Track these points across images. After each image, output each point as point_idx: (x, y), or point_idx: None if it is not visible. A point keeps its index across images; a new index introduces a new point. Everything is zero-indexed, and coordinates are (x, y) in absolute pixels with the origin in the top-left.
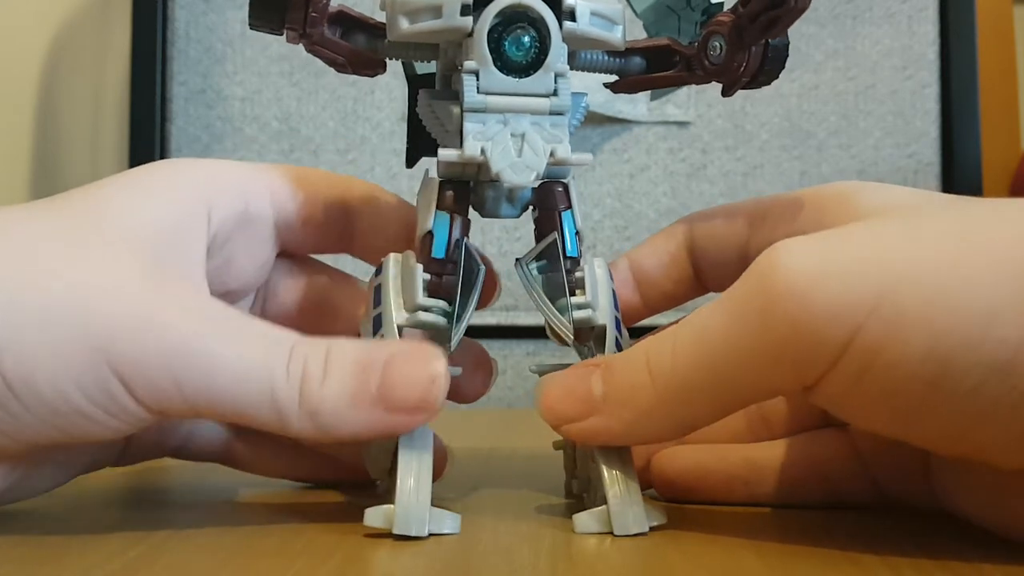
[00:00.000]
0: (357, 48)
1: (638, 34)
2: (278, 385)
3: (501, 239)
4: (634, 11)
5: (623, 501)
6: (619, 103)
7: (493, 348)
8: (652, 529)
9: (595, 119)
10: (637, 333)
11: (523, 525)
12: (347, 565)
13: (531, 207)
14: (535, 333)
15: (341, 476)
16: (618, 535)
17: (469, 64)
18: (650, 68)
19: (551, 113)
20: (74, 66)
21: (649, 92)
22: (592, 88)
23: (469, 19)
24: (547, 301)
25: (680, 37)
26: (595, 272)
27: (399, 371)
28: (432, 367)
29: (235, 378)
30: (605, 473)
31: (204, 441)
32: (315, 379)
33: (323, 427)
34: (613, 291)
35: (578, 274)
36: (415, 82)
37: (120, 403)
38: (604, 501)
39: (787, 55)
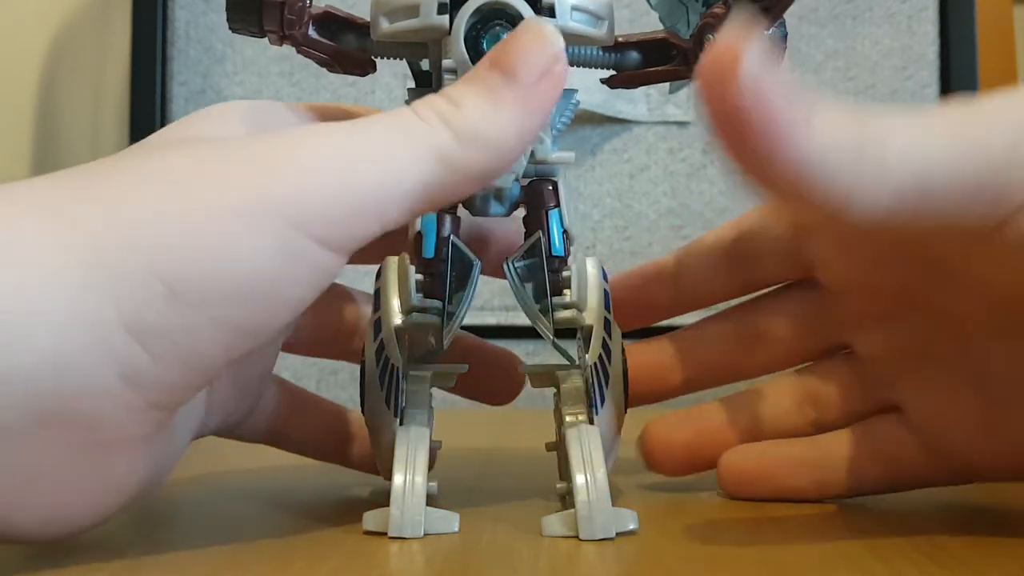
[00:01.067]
0: (344, 48)
1: (647, 27)
2: (422, 134)
3: None
4: (649, 3)
5: (591, 506)
6: (619, 103)
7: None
8: (620, 535)
9: (595, 119)
10: (632, 336)
11: (523, 525)
12: (347, 565)
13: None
14: (535, 333)
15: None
16: (584, 539)
17: (447, 63)
18: (647, 62)
19: None
20: (74, 66)
21: (652, 88)
22: (591, 88)
23: (446, 18)
24: (531, 301)
25: (688, 29)
26: (586, 271)
27: (508, 51)
28: (530, 28)
29: (387, 154)
30: (576, 477)
31: (261, 421)
32: (451, 112)
33: (490, 144)
34: (606, 291)
35: (565, 273)
36: (421, 80)
37: (301, 257)
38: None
39: (784, 47)
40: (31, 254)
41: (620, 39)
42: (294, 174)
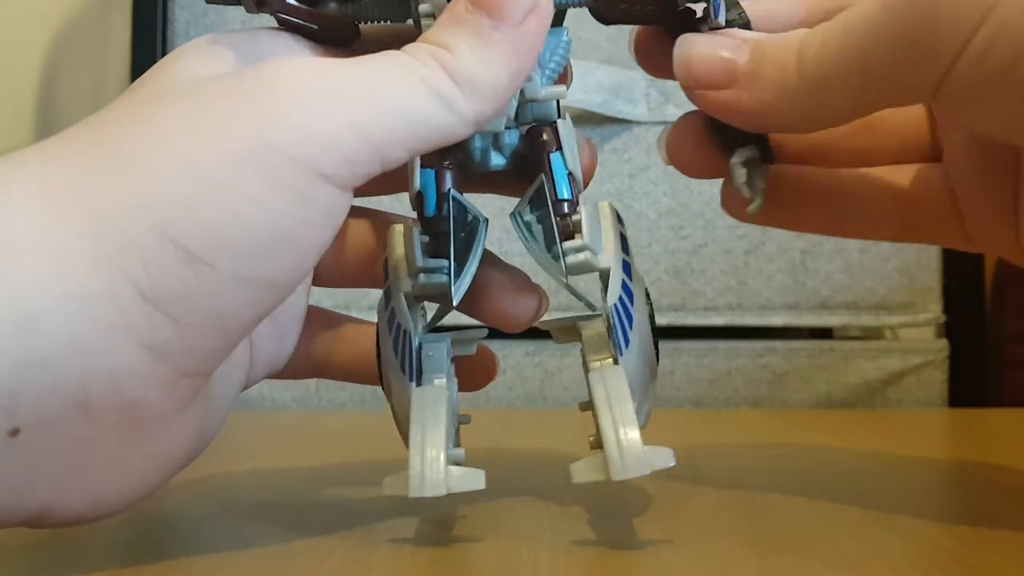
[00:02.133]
0: (325, 14)
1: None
2: (421, 73)
3: (501, 239)
4: None
5: (620, 445)
6: (619, 103)
7: (493, 347)
8: (655, 472)
9: (595, 119)
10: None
11: (523, 525)
12: (347, 565)
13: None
14: (535, 333)
15: None
16: (616, 479)
17: (424, 7)
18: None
19: None
20: (74, 66)
21: (652, 88)
22: (591, 88)
23: None
24: (542, 249)
25: None
26: (597, 214)
27: None
28: None
29: (387, 89)
30: (601, 418)
31: (304, 357)
32: (445, 57)
33: (486, 88)
34: (622, 235)
35: (575, 217)
36: None
37: (312, 198)
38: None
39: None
40: (38, 241)
41: None
42: (297, 110)
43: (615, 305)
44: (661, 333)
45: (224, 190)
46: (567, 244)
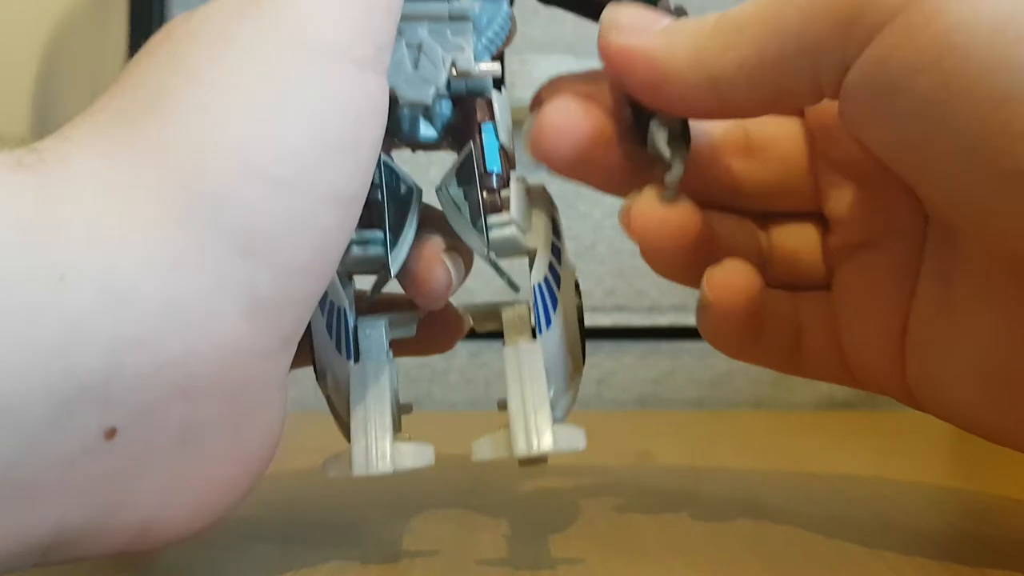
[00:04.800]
0: None
1: None
2: None
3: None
4: None
5: (525, 418)
6: None
7: (490, 350)
8: (561, 451)
9: None
10: (629, 335)
11: (521, 528)
12: (346, 567)
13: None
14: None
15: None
16: (519, 456)
17: None
18: None
19: (451, 19)
20: (71, 63)
21: None
22: None
23: None
24: (467, 222)
25: None
26: (525, 194)
27: None
28: None
29: None
30: (511, 394)
31: None
32: None
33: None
34: (554, 219)
35: (504, 193)
36: None
37: (365, 84)
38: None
39: None
40: (112, 204)
41: None
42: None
43: (539, 284)
44: (664, 333)
45: (290, 99)
46: (492, 218)
